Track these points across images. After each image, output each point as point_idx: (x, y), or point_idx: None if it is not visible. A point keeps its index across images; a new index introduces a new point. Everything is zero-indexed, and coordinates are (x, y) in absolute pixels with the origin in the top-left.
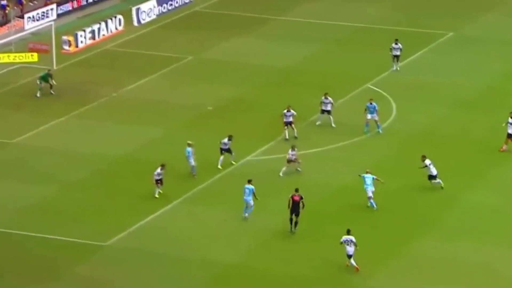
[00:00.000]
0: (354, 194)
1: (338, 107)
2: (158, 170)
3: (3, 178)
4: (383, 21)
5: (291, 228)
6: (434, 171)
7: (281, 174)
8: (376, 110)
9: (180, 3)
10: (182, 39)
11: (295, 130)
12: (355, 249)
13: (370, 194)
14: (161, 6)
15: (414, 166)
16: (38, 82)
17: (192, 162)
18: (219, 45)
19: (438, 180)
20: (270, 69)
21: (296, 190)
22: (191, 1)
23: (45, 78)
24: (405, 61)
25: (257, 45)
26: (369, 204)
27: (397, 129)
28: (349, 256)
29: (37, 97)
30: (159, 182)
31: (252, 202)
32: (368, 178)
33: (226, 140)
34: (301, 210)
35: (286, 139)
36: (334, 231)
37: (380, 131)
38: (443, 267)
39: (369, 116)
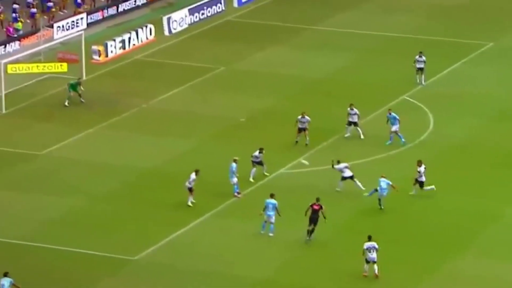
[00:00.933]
0: (390, 210)
1: (373, 119)
2: (193, 176)
3: (31, 190)
4: (418, 31)
5: (308, 236)
6: (423, 179)
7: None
8: (397, 120)
9: (212, 12)
10: (214, 49)
11: (308, 138)
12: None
13: (384, 196)
14: (193, 15)
15: (451, 180)
16: (68, 90)
17: (235, 180)
18: (252, 55)
19: (429, 187)
20: (303, 79)
21: (317, 200)
22: (223, 10)
23: (74, 86)
24: (443, 72)
25: (290, 55)
26: (379, 206)
27: (434, 141)
28: (369, 262)
29: (66, 106)
30: (191, 190)
31: (274, 218)
32: (384, 182)
33: (257, 153)
34: (320, 220)
35: (296, 142)
36: None
37: (403, 142)
38: (480, 285)
39: (393, 128)
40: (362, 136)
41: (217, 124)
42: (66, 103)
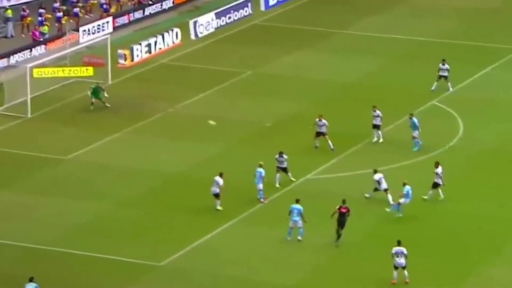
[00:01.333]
0: (418, 216)
1: (402, 124)
2: (221, 181)
3: (56, 195)
4: (449, 35)
5: (337, 239)
6: (439, 181)
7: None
8: (416, 126)
9: (239, 16)
10: (241, 53)
11: (329, 142)
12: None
13: (402, 202)
14: (219, 19)
15: (481, 185)
16: (90, 97)
17: (260, 185)
18: (279, 59)
19: (439, 191)
20: (331, 84)
21: (343, 202)
22: (250, 14)
23: (97, 93)
24: (473, 77)
25: (318, 59)
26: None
27: (463, 147)
28: (397, 268)
29: (90, 110)
30: (218, 195)
31: (301, 223)
32: (408, 190)
33: (277, 156)
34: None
35: (316, 147)
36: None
37: (416, 149)
38: None
39: (414, 133)
40: (381, 139)
41: (243, 129)
42: (91, 108)
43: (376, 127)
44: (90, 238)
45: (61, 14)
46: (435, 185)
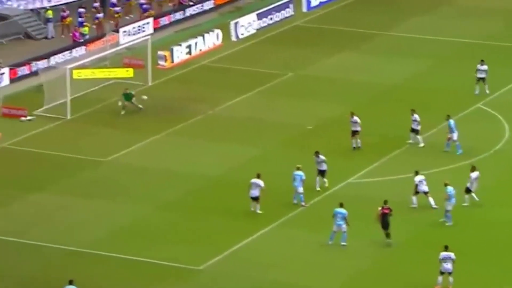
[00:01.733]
0: (462, 222)
1: (446, 127)
2: (262, 184)
3: (95, 198)
4: (495, 37)
5: (388, 240)
6: (472, 186)
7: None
8: (452, 128)
9: (281, 17)
10: (282, 55)
11: (359, 140)
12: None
13: (449, 208)
14: (261, 20)
15: None
16: (123, 100)
17: (301, 189)
18: (321, 61)
19: (473, 195)
20: (375, 86)
21: (385, 202)
22: (292, 15)
23: (127, 97)
24: None
25: (361, 61)
26: (443, 218)
27: (510, 151)
28: (443, 273)
29: (122, 115)
30: (256, 199)
31: (345, 228)
32: (451, 190)
33: (314, 156)
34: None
35: (354, 148)
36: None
37: (447, 149)
38: None
39: (453, 136)
40: (421, 144)
41: (284, 131)
42: (122, 112)
43: (414, 131)
44: (130, 241)
45: (101, 14)
46: (468, 191)
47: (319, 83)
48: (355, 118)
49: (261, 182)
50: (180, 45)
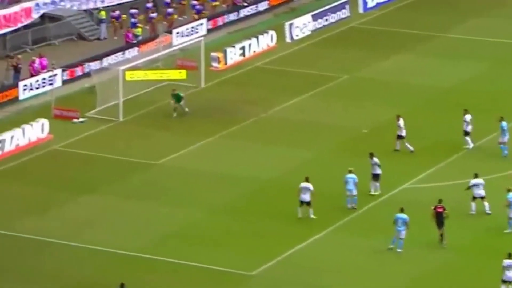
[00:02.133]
0: None
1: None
2: (312, 188)
3: (147, 200)
4: None
5: (441, 241)
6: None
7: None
8: (504, 131)
9: (337, 18)
10: (337, 57)
11: (407, 144)
12: None
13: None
14: (316, 21)
15: None
16: (174, 101)
17: (355, 191)
18: (377, 63)
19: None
20: (432, 89)
21: (440, 201)
22: (348, 16)
23: (178, 98)
24: None
25: (418, 63)
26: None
27: None
28: (506, 282)
29: (174, 117)
30: (309, 204)
31: (404, 234)
32: (510, 196)
33: (369, 158)
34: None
35: (396, 150)
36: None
37: (505, 154)
38: None
39: (504, 139)
40: (470, 146)
41: (338, 135)
42: (174, 115)
43: (465, 133)
44: (181, 246)
45: (154, 15)
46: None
47: (375, 86)
48: (401, 121)
49: (311, 186)
50: (234, 46)
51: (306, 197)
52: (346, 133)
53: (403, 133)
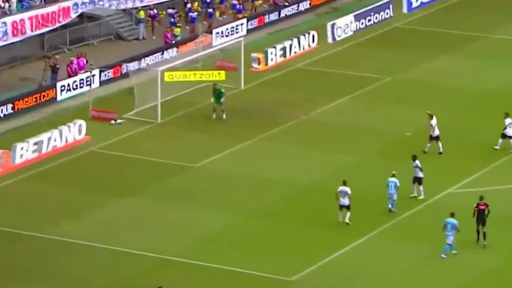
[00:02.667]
0: None
1: None
2: (349, 192)
3: (184, 204)
4: None
5: (478, 238)
6: None
7: None
8: None
9: (380, 19)
10: (380, 58)
11: (440, 144)
12: None
13: None
14: (359, 21)
15: None
16: (213, 102)
17: (395, 196)
18: (421, 65)
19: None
20: (476, 91)
21: (481, 198)
22: (391, 16)
23: (219, 96)
24: None
25: (463, 65)
26: None
27: None
28: None
29: (213, 119)
30: (348, 208)
31: (451, 239)
32: None
33: (411, 161)
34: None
35: (424, 151)
36: None
37: None
38: None
39: None
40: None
41: (380, 138)
42: (214, 117)
43: (506, 137)
44: (219, 250)
45: (194, 14)
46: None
47: (419, 88)
48: (432, 120)
49: (348, 190)
50: (274, 47)
51: (345, 201)
52: (389, 136)
53: (436, 133)
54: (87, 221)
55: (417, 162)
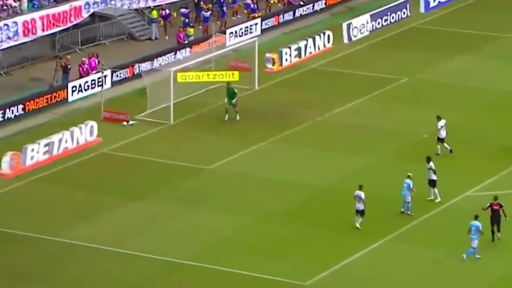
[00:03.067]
0: None
1: None
2: (363, 197)
3: (197, 206)
4: None
5: (493, 238)
6: None
7: None
8: None
9: (396, 19)
10: (397, 58)
11: (438, 147)
12: None
13: None
14: (375, 21)
15: None
16: (227, 102)
17: (409, 198)
18: (438, 65)
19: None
20: (495, 92)
21: (495, 198)
22: (408, 16)
23: (231, 96)
24: None
25: (481, 65)
26: None
27: None
28: None
29: (225, 121)
30: (362, 213)
31: (476, 242)
32: None
33: (425, 162)
34: (502, 220)
35: (437, 154)
36: None
37: None
38: None
39: None
40: None
41: (397, 139)
42: (226, 118)
43: None
44: (231, 253)
45: (208, 14)
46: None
47: (436, 89)
48: (440, 122)
49: (362, 194)
50: (289, 47)
51: (360, 205)
52: (405, 138)
53: (443, 135)
54: (98, 224)
55: (431, 164)
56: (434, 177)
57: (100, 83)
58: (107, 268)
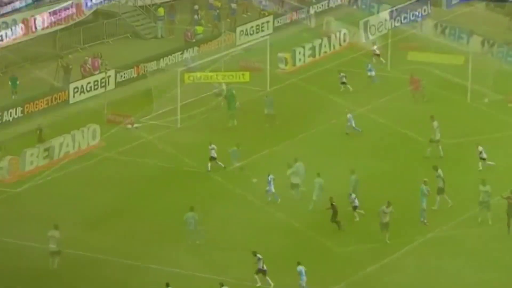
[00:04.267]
0: None
1: None
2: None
3: (205, 213)
4: None
5: (508, 232)
6: None
7: None
8: None
9: (416, 16)
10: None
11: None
12: None
13: None
14: (394, 19)
15: None
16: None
17: (424, 204)
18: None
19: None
20: None
21: None
22: (428, 13)
23: (231, 100)
24: None
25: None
26: None
27: None
28: None
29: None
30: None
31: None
32: None
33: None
34: None
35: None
36: None
37: None
38: None
39: None
40: None
41: (415, 144)
42: (230, 125)
43: None
44: (232, 263)
45: (217, 12)
46: None
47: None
48: (434, 123)
49: (386, 209)
50: (303, 46)
51: (386, 218)
52: (424, 142)
53: (437, 137)
54: (102, 232)
55: (439, 171)
56: (440, 184)
57: (103, 84)
58: (111, 279)
